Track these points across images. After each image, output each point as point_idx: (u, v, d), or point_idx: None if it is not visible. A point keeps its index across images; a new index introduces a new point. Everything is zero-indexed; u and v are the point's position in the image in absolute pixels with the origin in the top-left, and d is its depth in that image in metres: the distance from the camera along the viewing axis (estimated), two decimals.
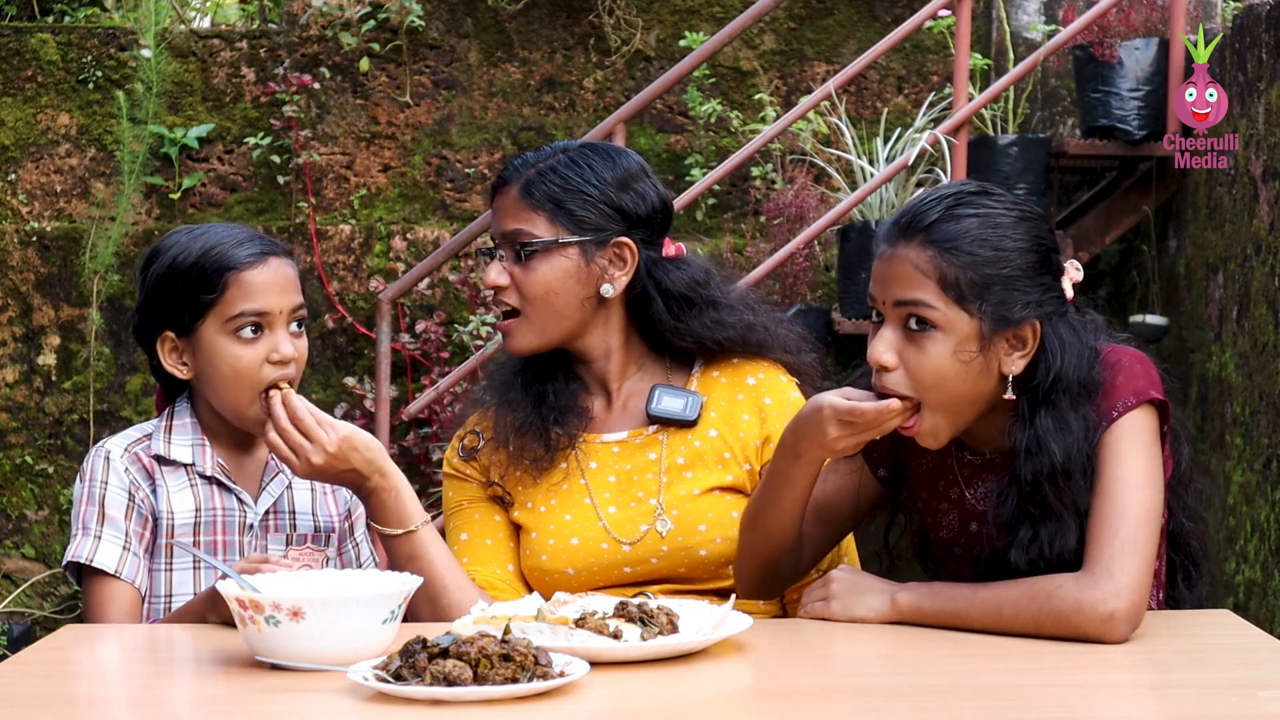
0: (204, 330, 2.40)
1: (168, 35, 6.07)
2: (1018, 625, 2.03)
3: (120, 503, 2.40)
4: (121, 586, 2.37)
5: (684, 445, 2.44)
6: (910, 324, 2.09)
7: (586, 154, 2.44)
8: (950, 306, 2.07)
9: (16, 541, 5.93)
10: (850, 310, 5.34)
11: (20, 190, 6.06)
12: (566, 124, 6.18)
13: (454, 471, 2.52)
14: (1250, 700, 1.77)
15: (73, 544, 2.39)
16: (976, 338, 2.08)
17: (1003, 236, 2.09)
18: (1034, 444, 2.09)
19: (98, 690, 1.98)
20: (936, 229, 2.09)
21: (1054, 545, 2.08)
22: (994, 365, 2.10)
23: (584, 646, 1.89)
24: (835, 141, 5.80)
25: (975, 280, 2.07)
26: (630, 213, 2.43)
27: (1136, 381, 2.11)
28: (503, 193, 2.43)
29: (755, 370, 2.50)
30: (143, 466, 2.43)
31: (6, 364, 5.98)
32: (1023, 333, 2.10)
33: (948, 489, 2.25)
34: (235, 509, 2.45)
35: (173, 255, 2.43)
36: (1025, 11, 6.10)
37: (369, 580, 2.06)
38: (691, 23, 6.17)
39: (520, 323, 2.42)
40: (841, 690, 1.91)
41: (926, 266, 2.08)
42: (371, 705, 1.74)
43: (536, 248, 2.39)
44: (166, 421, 2.48)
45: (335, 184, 6.12)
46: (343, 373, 5.96)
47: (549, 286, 2.39)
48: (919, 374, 2.08)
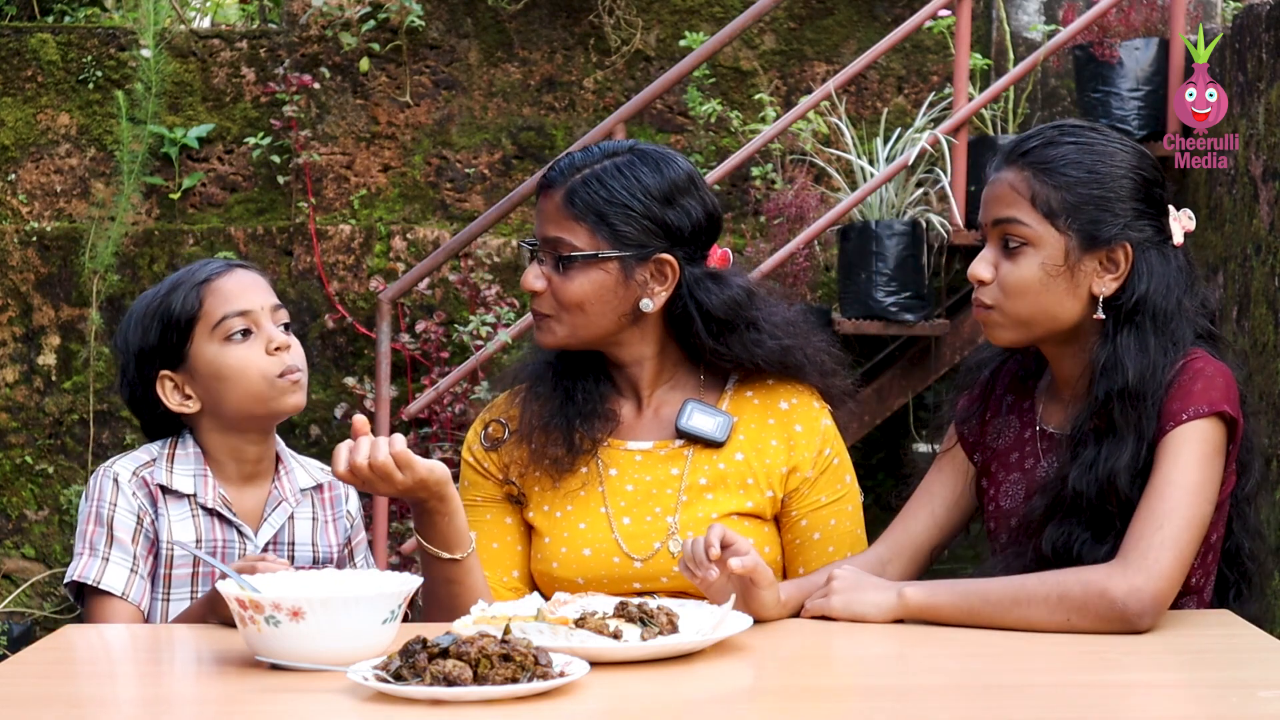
0: (195, 349, 2.41)
1: (167, 35, 6.07)
2: (1036, 615, 2.04)
3: (129, 526, 2.39)
4: (125, 607, 2.36)
5: (708, 465, 2.40)
6: (1007, 242, 2.21)
7: (634, 163, 2.37)
8: (1041, 223, 2.20)
9: (16, 541, 5.93)
10: (850, 310, 5.34)
11: (20, 190, 6.06)
12: (566, 124, 6.18)
13: (474, 462, 2.49)
14: (1250, 700, 1.77)
15: (77, 562, 2.38)
16: (1064, 254, 2.20)
17: (1097, 161, 2.22)
18: (1111, 361, 2.18)
19: (98, 690, 1.98)
20: (1035, 153, 2.22)
21: (1109, 463, 2.14)
22: (1083, 285, 2.21)
23: (584, 646, 1.89)
24: (835, 141, 5.80)
25: (1066, 199, 2.19)
26: (674, 228, 2.37)
27: (1213, 393, 2.14)
28: (547, 195, 2.38)
29: (789, 394, 2.45)
30: (149, 492, 2.42)
31: (6, 364, 5.98)
32: (1114, 254, 2.21)
33: (1022, 460, 2.31)
34: (235, 541, 2.44)
35: (140, 308, 2.47)
36: (1025, 11, 6.10)
37: (369, 580, 2.06)
38: (691, 23, 6.17)
39: (553, 322, 2.39)
40: (842, 690, 1.91)
41: (1021, 186, 2.21)
42: (371, 705, 1.74)
43: (576, 259, 2.35)
44: (169, 450, 2.47)
45: (335, 184, 6.12)
46: (343, 373, 5.96)
47: (585, 298, 2.36)
48: (1005, 283, 2.21)
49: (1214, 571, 2.26)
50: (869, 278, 5.27)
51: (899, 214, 5.37)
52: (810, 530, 2.41)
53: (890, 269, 5.26)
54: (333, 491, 2.57)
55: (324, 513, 2.54)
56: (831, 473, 2.44)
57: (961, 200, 5.23)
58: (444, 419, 5.55)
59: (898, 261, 5.26)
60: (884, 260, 5.26)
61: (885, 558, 2.34)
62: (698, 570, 2.10)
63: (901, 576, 2.31)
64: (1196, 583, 2.22)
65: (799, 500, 2.41)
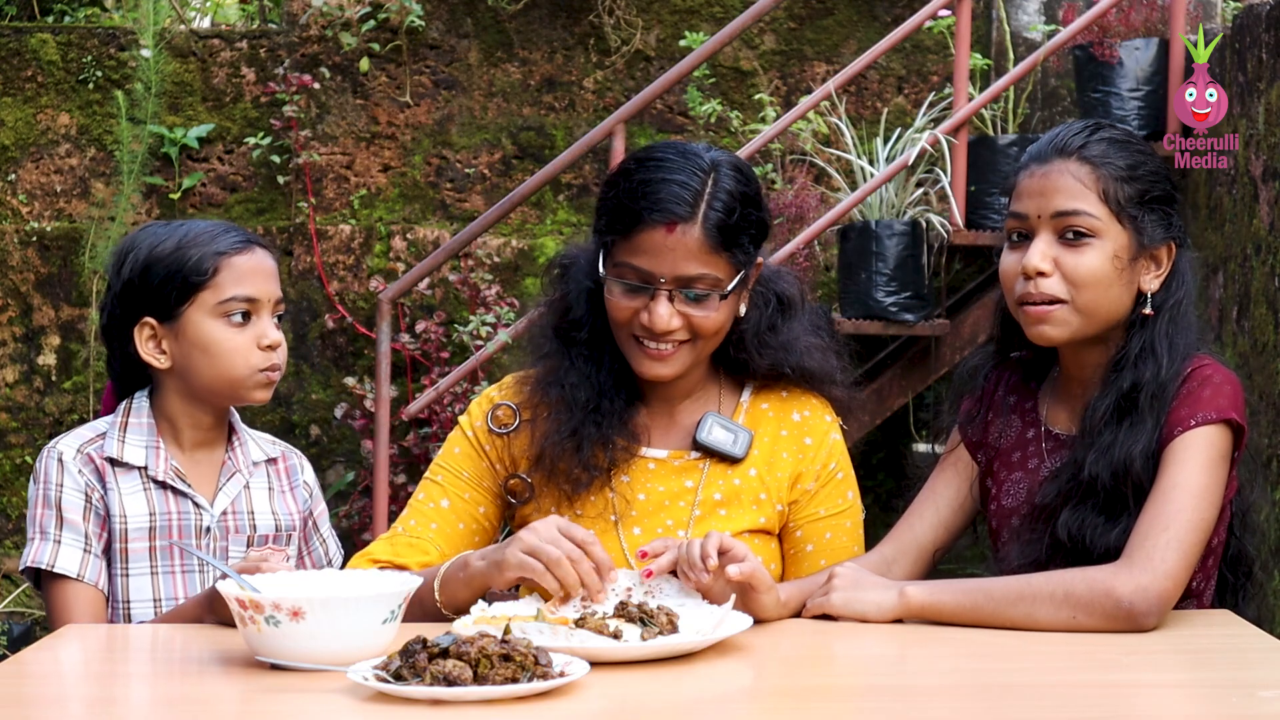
0: (191, 314, 2.39)
1: (167, 35, 6.07)
2: (1040, 613, 2.04)
3: (77, 505, 2.37)
4: (84, 589, 2.36)
5: (723, 480, 2.38)
6: (1067, 234, 2.21)
7: (747, 174, 2.33)
8: (1110, 217, 2.21)
9: (16, 541, 5.93)
10: (850, 310, 5.34)
11: (20, 190, 6.06)
12: (566, 124, 6.18)
13: (474, 440, 2.43)
14: (1250, 700, 1.77)
15: (30, 548, 2.37)
16: (1129, 248, 2.22)
17: (1145, 161, 2.25)
18: (1146, 350, 2.20)
19: (97, 690, 1.98)
20: (1093, 148, 2.23)
21: (1126, 447, 2.16)
22: (1135, 281, 2.23)
23: (584, 646, 1.89)
24: (835, 141, 5.80)
25: (1131, 195, 2.21)
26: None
27: (1220, 400, 2.15)
28: (673, 229, 2.25)
29: (802, 405, 2.44)
30: (95, 468, 2.40)
31: (6, 364, 5.98)
32: (1158, 253, 2.24)
33: (1025, 460, 2.32)
34: (190, 512, 2.42)
35: (150, 244, 2.42)
36: (1025, 11, 6.10)
37: (369, 580, 2.06)
38: (691, 23, 6.17)
39: (681, 356, 2.32)
40: (842, 690, 1.91)
41: (1088, 179, 2.21)
42: (371, 705, 1.74)
43: (725, 295, 2.29)
44: (122, 419, 2.45)
45: (335, 184, 6.12)
46: (343, 373, 5.96)
47: (722, 328, 2.33)
48: (1075, 275, 2.20)
49: (1214, 575, 2.26)
50: (869, 278, 5.27)
51: (899, 214, 5.37)
52: (804, 542, 2.40)
53: (890, 269, 5.26)
54: (287, 462, 2.56)
55: (279, 482, 2.53)
56: (834, 486, 2.42)
57: (961, 200, 5.23)
58: (444, 419, 5.55)
59: (898, 261, 5.26)
60: (884, 260, 5.26)
61: (890, 557, 2.34)
62: (692, 573, 2.10)
63: (906, 577, 2.31)
64: (1197, 586, 2.23)
65: (797, 511, 2.40)
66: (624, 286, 2.28)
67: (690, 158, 2.28)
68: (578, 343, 2.38)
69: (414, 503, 2.41)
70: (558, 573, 2.06)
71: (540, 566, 2.07)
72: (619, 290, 2.29)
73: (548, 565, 2.07)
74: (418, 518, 2.39)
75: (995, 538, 2.33)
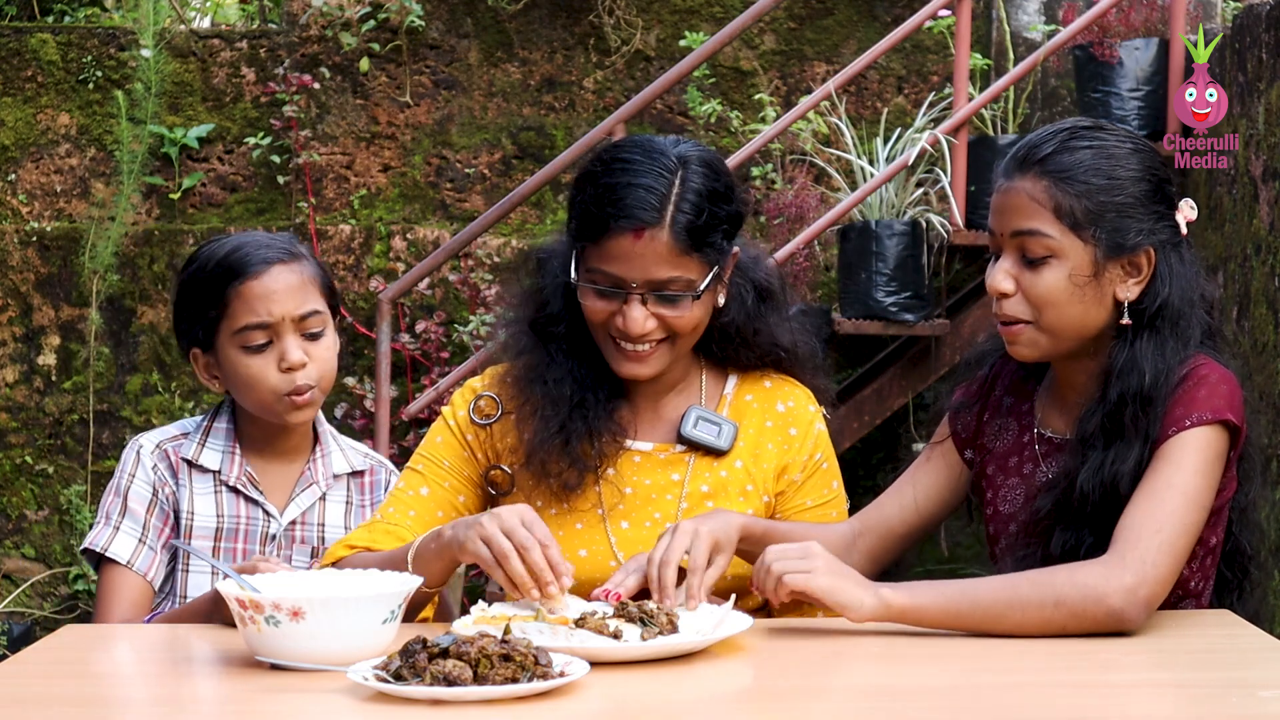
0: (220, 344, 2.44)
1: (167, 35, 6.07)
2: (1024, 615, 2.00)
3: (143, 497, 2.44)
4: (133, 578, 2.41)
5: (709, 472, 2.37)
6: (1027, 253, 2.16)
7: (716, 168, 2.30)
8: (1065, 234, 2.15)
9: (16, 541, 5.93)
10: (850, 310, 5.34)
11: (20, 190, 6.06)
12: (566, 124, 6.18)
13: (456, 430, 2.41)
14: (1250, 700, 1.77)
15: (93, 531, 2.44)
16: (1091, 264, 2.16)
17: (1116, 166, 2.17)
18: (1129, 364, 2.15)
19: (98, 690, 1.98)
20: (1052, 160, 2.16)
21: (1114, 466, 2.13)
22: (1107, 292, 2.18)
23: (584, 646, 1.89)
24: (835, 141, 5.80)
25: (1089, 208, 2.14)
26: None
27: (1216, 400, 2.13)
28: (640, 235, 2.22)
29: (785, 395, 2.43)
30: (170, 464, 2.46)
31: (6, 364, 5.98)
32: (1137, 260, 2.18)
33: (1020, 465, 2.29)
34: (260, 519, 2.47)
35: (197, 266, 2.45)
36: (1025, 11, 6.10)
37: (369, 580, 2.06)
38: (691, 23, 6.17)
39: (664, 349, 2.31)
40: (842, 690, 1.91)
41: (1042, 196, 2.15)
42: (371, 705, 1.74)
43: (698, 295, 2.27)
44: (207, 423, 2.51)
45: (335, 184, 6.12)
46: (343, 373, 5.95)
47: (699, 325, 2.31)
48: (1034, 295, 2.16)
49: (1213, 575, 2.25)
50: (869, 278, 5.27)
51: (899, 214, 5.37)
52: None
53: (890, 269, 5.26)
54: (373, 477, 2.57)
55: (360, 497, 2.55)
56: (819, 477, 2.42)
57: (961, 200, 5.23)
58: None
59: (898, 261, 5.26)
60: (884, 260, 5.26)
61: (857, 530, 2.35)
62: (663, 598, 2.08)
63: (868, 552, 2.32)
64: (1196, 586, 2.22)
65: (784, 502, 2.40)
66: (597, 291, 2.27)
67: (656, 157, 2.25)
68: (556, 337, 2.37)
69: (394, 491, 2.40)
70: (506, 567, 2.03)
71: (491, 558, 2.04)
72: (592, 295, 2.28)
73: (498, 558, 2.03)
74: (396, 505, 2.37)
75: (993, 543, 2.33)
